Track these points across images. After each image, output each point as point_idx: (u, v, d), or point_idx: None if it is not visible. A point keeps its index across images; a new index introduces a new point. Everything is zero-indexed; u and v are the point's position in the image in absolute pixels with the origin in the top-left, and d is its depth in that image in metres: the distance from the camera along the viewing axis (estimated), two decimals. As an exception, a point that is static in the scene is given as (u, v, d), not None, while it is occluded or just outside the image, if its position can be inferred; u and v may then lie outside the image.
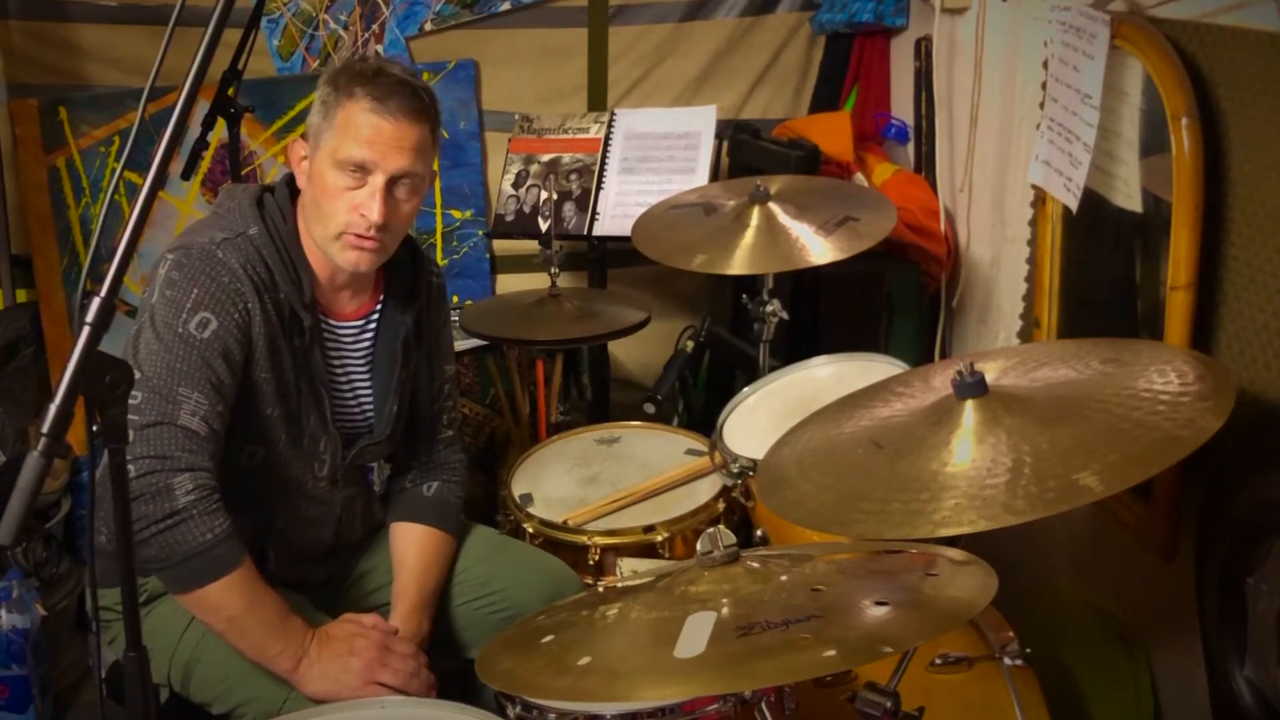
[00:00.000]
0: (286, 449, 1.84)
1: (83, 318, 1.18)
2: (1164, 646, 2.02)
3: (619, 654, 1.26)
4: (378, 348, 1.94)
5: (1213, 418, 1.25)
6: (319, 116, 1.79)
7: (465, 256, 3.24)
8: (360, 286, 1.91)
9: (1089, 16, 1.94)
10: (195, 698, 1.85)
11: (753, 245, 2.20)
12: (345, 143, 1.76)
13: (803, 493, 1.42)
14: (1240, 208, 1.70)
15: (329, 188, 1.77)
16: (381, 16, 3.10)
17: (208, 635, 1.81)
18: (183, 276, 1.73)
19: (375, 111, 1.76)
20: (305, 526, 1.91)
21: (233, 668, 1.80)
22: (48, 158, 3.02)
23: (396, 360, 1.94)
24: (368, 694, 1.73)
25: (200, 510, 1.65)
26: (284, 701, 1.77)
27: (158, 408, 1.66)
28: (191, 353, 1.70)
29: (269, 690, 1.78)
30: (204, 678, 1.83)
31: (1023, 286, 2.38)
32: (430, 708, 1.64)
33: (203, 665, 1.83)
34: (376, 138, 1.76)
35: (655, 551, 2.06)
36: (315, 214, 1.81)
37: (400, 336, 1.94)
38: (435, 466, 2.07)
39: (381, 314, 1.94)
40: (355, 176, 1.76)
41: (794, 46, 3.27)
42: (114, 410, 1.21)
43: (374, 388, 1.95)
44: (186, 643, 1.83)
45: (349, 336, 1.92)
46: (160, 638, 1.81)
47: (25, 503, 1.14)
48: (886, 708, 1.32)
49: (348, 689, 1.73)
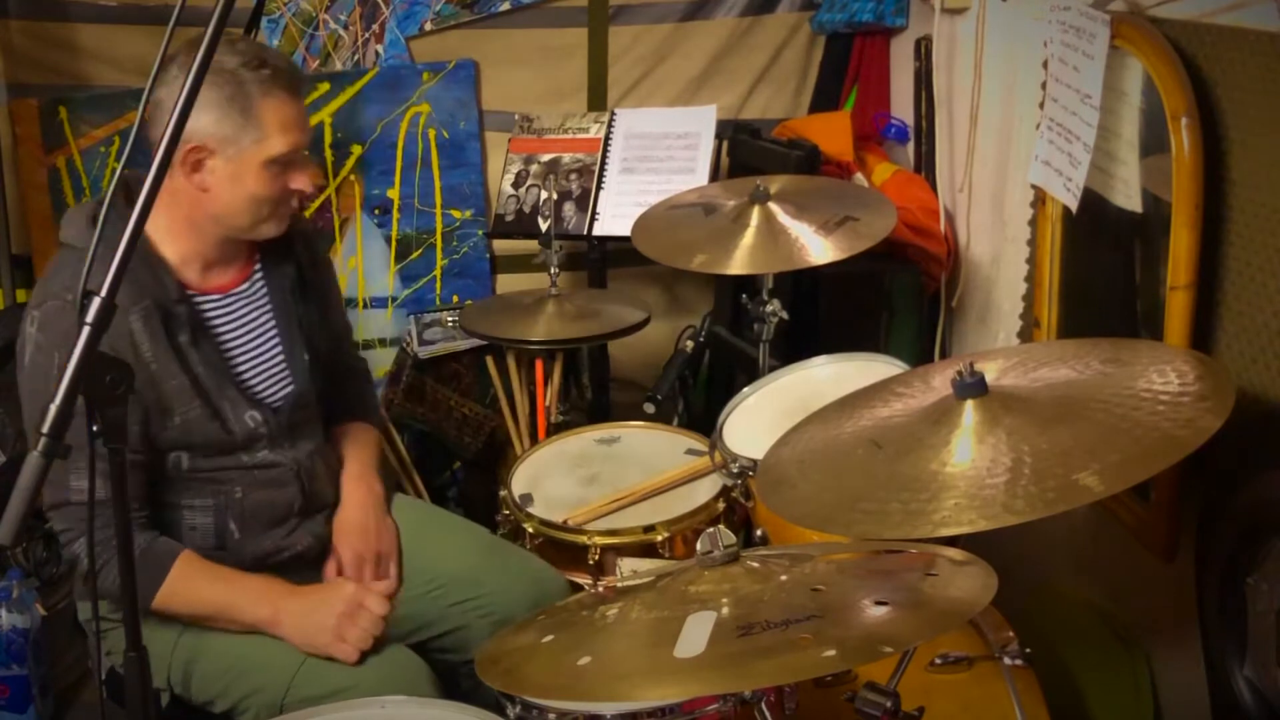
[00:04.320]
0: (217, 435, 1.85)
1: (83, 318, 1.18)
2: (1164, 646, 2.02)
3: (619, 654, 1.26)
4: (274, 303, 1.97)
5: (1212, 418, 1.26)
6: (229, 121, 1.75)
7: (465, 256, 3.24)
8: (232, 255, 1.93)
9: (1089, 16, 1.94)
10: (197, 698, 1.85)
11: (753, 245, 2.20)
12: (273, 140, 1.78)
13: (803, 493, 1.42)
14: (1240, 208, 1.70)
15: (261, 185, 1.80)
16: (381, 16, 3.10)
17: (205, 634, 1.82)
18: (46, 340, 1.73)
19: (292, 100, 1.80)
20: (265, 490, 1.92)
21: (233, 662, 1.81)
22: (48, 158, 3.02)
23: (291, 309, 1.98)
24: (337, 650, 1.80)
25: (108, 557, 1.72)
26: (286, 691, 1.78)
27: (52, 492, 1.74)
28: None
29: (272, 681, 1.79)
30: (205, 675, 1.83)
31: (1022, 286, 2.38)
32: (430, 707, 1.64)
33: (202, 663, 1.83)
34: (297, 123, 1.82)
35: (655, 551, 2.06)
36: (240, 209, 1.82)
37: (287, 287, 1.98)
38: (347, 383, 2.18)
39: (263, 270, 1.97)
40: (282, 166, 1.81)
41: (794, 46, 3.27)
42: (114, 410, 1.21)
43: (282, 343, 1.97)
44: (184, 644, 1.84)
45: (241, 304, 1.94)
46: (157, 643, 1.82)
47: (25, 502, 1.14)
48: (886, 708, 1.32)
49: (318, 638, 1.80)
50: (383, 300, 3.23)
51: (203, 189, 1.80)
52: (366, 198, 3.17)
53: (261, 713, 1.80)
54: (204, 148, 1.76)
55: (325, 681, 1.79)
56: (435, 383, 3.08)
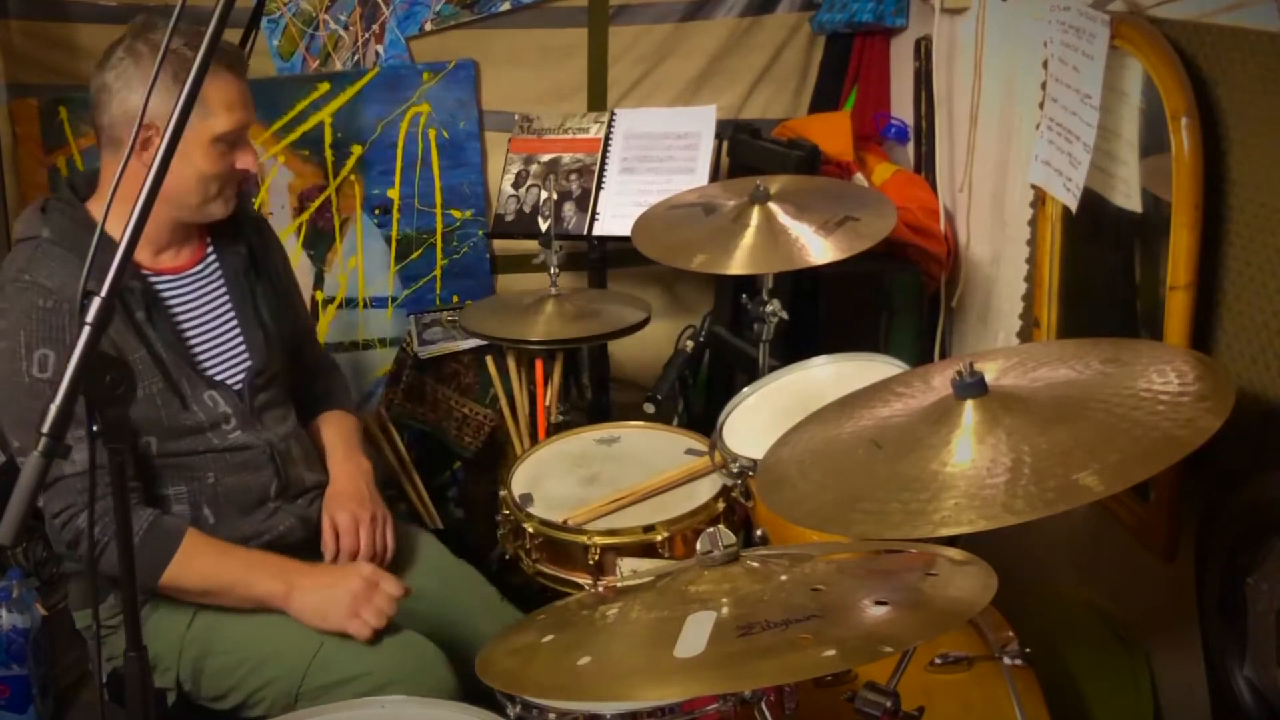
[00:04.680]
0: (179, 415, 1.87)
1: (83, 318, 1.18)
2: (1164, 646, 2.02)
3: (619, 654, 1.26)
4: (228, 283, 2.00)
5: (1212, 417, 1.25)
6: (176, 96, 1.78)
7: (465, 256, 3.24)
8: (183, 238, 1.96)
9: (1089, 16, 1.94)
10: (207, 694, 1.86)
11: (753, 245, 2.20)
12: (218, 118, 1.82)
13: (803, 493, 1.42)
14: (1240, 208, 1.70)
15: (209, 165, 1.84)
16: (381, 16, 3.10)
17: (214, 628, 1.83)
18: (9, 322, 1.76)
19: (235, 79, 1.84)
20: (239, 474, 1.93)
21: (246, 655, 1.82)
22: (48, 158, 3.01)
23: (245, 289, 2.02)
24: (351, 626, 1.81)
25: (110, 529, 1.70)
26: (302, 679, 1.79)
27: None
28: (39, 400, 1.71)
29: (288, 670, 1.81)
30: (216, 670, 1.84)
31: (1022, 286, 2.38)
32: (431, 707, 1.64)
33: (213, 658, 1.84)
34: (242, 102, 1.86)
35: (655, 551, 2.06)
36: (189, 188, 1.86)
37: (240, 267, 2.02)
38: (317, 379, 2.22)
39: (215, 251, 2.01)
40: (228, 144, 1.85)
41: (794, 46, 3.27)
42: (114, 410, 1.21)
43: (239, 322, 2.00)
44: (192, 640, 1.84)
45: (195, 285, 1.97)
46: (163, 640, 1.83)
47: (25, 502, 1.14)
48: (886, 707, 1.32)
49: (334, 617, 1.82)
50: (383, 300, 3.23)
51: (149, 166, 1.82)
52: (366, 198, 3.17)
53: (277, 703, 1.82)
54: (153, 125, 1.80)
55: (341, 668, 1.80)
56: (435, 383, 3.08)
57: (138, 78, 1.81)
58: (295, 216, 3.16)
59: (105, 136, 1.87)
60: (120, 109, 1.82)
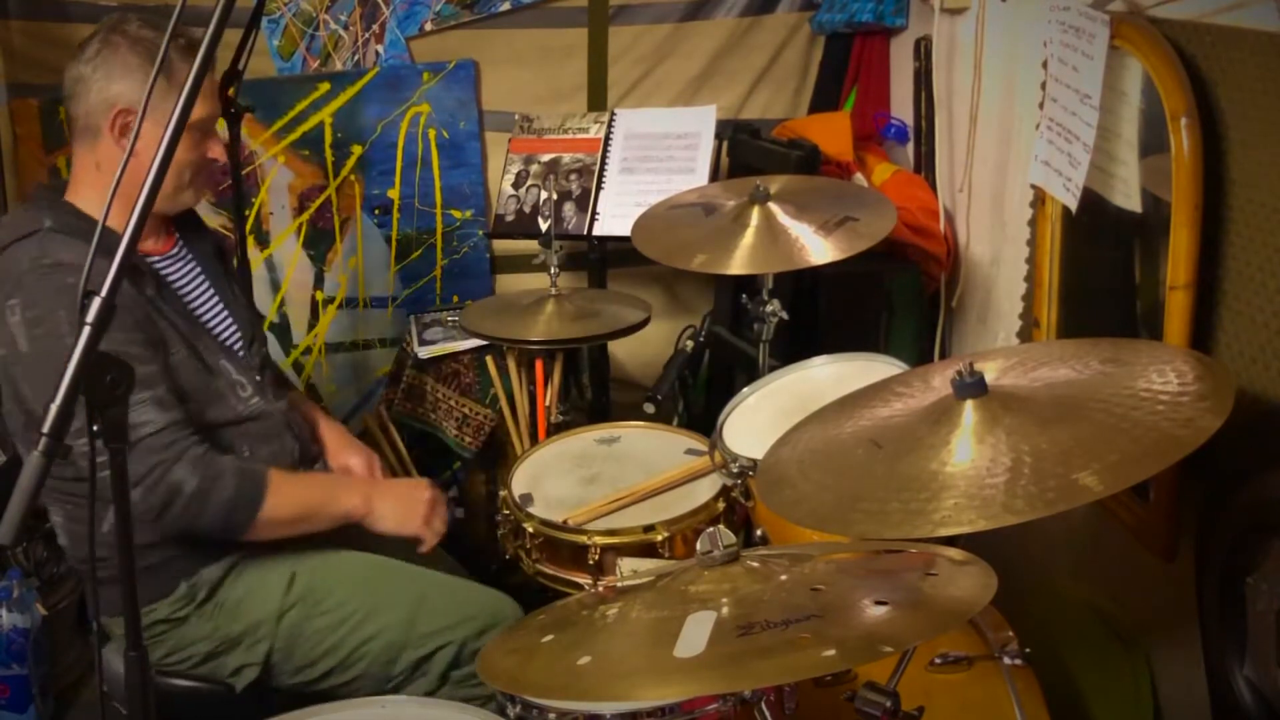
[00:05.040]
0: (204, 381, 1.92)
1: (83, 318, 1.18)
2: (1164, 646, 2.02)
3: (619, 654, 1.26)
4: (202, 267, 2.06)
5: (1212, 417, 1.26)
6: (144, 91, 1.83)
7: (465, 256, 3.24)
8: (154, 229, 2.01)
9: (1088, 16, 1.94)
10: (299, 660, 1.91)
11: (753, 245, 2.20)
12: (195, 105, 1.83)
13: (803, 493, 1.42)
14: (1240, 208, 1.70)
15: (184, 152, 1.88)
16: (381, 16, 3.11)
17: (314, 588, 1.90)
18: (41, 309, 1.76)
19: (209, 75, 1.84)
20: (265, 444, 1.99)
21: (353, 608, 1.90)
22: (48, 158, 3.02)
23: (219, 271, 2.10)
24: (424, 532, 1.98)
25: (205, 477, 1.79)
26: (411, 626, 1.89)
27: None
28: None
29: (395, 620, 1.89)
30: (317, 630, 1.90)
31: (1022, 286, 2.39)
32: (431, 708, 1.64)
33: (315, 619, 1.91)
34: (212, 92, 1.93)
35: (655, 551, 2.06)
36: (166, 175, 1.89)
37: (210, 253, 2.10)
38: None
39: (183, 241, 2.07)
40: (201, 133, 1.91)
41: (794, 46, 3.27)
42: (114, 410, 1.21)
43: (222, 299, 2.07)
44: (292, 603, 1.91)
45: (177, 266, 2.03)
46: (260, 609, 1.90)
47: (25, 502, 1.14)
48: (886, 707, 1.32)
49: (412, 519, 1.98)
50: (383, 300, 3.23)
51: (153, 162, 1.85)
52: (367, 198, 3.17)
53: (379, 658, 1.89)
54: (131, 110, 1.84)
55: (446, 613, 1.91)
56: (435, 382, 3.08)
57: (117, 67, 1.85)
58: (295, 216, 3.16)
59: (80, 125, 1.91)
60: (99, 97, 1.86)
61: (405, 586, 1.96)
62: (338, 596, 1.91)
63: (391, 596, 1.93)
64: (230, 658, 1.90)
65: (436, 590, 1.98)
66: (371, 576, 1.96)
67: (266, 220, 3.12)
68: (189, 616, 1.89)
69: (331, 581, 1.93)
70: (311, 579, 1.92)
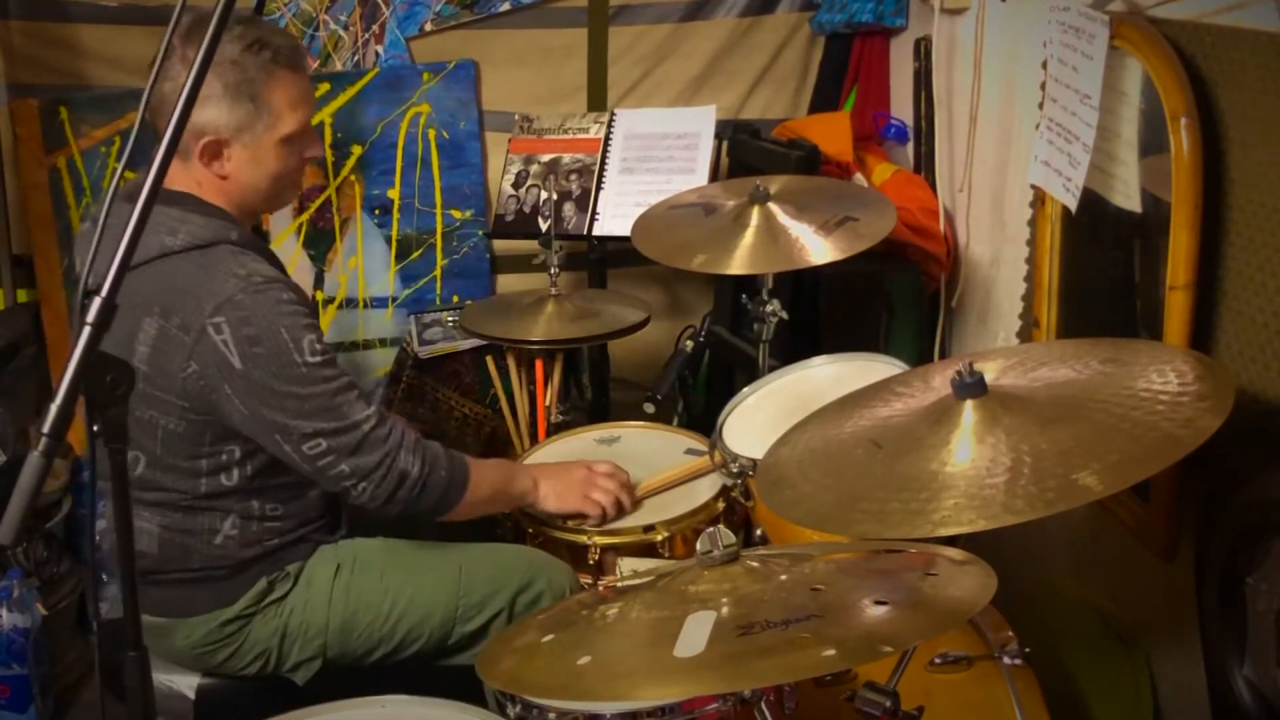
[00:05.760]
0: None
1: (83, 318, 1.18)
2: (1163, 646, 2.02)
3: (619, 654, 1.26)
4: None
5: (1212, 417, 1.26)
6: (240, 110, 1.80)
7: (465, 256, 3.24)
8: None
9: (1088, 17, 1.94)
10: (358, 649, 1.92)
11: (753, 245, 2.20)
12: (286, 120, 1.84)
13: (802, 493, 1.42)
14: (1239, 208, 1.70)
15: (281, 162, 1.87)
16: (381, 17, 3.11)
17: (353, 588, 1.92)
18: (259, 328, 1.74)
19: (296, 76, 1.85)
20: None
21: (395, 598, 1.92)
22: (48, 158, 3.02)
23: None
24: (586, 507, 2.07)
25: (424, 461, 1.85)
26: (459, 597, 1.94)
27: (344, 440, 1.79)
28: (324, 370, 1.78)
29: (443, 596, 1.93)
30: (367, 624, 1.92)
31: (1022, 286, 2.39)
32: (431, 707, 1.64)
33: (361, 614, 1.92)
34: (305, 98, 1.89)
35: (655, 551, 2.06)
36: (263, 188, 1.89)
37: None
38: None
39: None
40: (298, 141, 1.88)
41: (794, 47, 3.27)
42: (114, 410, 1.21)
43: None
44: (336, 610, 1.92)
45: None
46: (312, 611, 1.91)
47: (26, 502, 1.14)
48: (886, 707, 1.32)
49: (573, 497, 2.07)
50: (383, 300, 3.23)
51: (222, 176, 1.85)
52: (367, 198, 3.17)
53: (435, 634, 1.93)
54: (219, 139, 1.81)
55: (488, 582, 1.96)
56: (435, 383, 3.08)
57: (225, 101, 1.79)
58: (295, 216, 3.16)
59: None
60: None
61: (442, 562, 1.98)
62: (383, 585, 1.93)
63: (432, 575, 1.96)
64: (289, 656, 1.91)
65: (473, 560, 2.00)
66: (409, 559, 1.98)
67: (266, 220, 3.12)
68: (255, 615, 1.89)
69: (373, 571, 1.94)
70: (354, 572, 1.94)
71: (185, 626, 1.87)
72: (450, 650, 1.97)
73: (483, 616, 1.95)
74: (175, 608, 1.87)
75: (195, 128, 1.79)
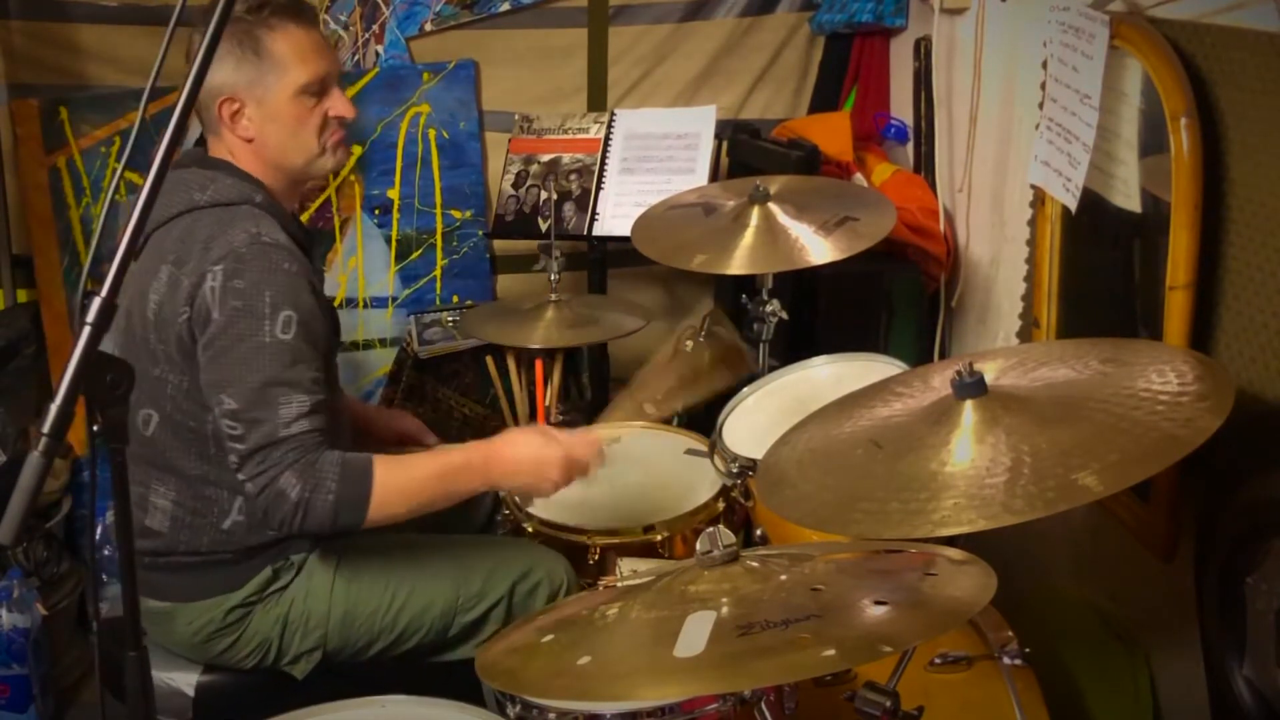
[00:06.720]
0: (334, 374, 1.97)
1: (83, 318, 1.18)
2: (1163, 646, 2.02)
3: (619, 654, 1.26)
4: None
5: (1212, 417, 1.26)
6: (246, 65, 1.82)
7: (465, 256, 3.24)
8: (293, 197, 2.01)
9: (1088, 17, 1.94)
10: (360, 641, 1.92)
11: (752, 245, 2.20)
12: (295, 71, 1.84)
13: (802, 493, 1.42)
14: (1239, 208, 1.70)
15: (299, 118, 1.87)
16: (381, 16, 3.11)
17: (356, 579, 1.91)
18: (247, 283, 1.75)
19: (302, 28, 1.85)
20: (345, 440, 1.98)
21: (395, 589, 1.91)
22: (48, 158, 3.02)
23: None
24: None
25: (311, 484, 1.72)
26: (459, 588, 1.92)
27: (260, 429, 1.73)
28: (283, 355, 1.75)
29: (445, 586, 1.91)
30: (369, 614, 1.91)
31: (1022, 286, 2.39)
32: (431, 707, 1.64)
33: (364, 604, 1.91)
34: (316, 50, 1.87)
35: (655, 551, 2.06)
36: (290, 147, 1.89)
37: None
38: None
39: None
40: (314, 95, 1.87)
41: (793, 47, 3.27)
42: (114, 410, 1.21)
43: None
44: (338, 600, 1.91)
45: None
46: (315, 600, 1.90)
47: (26, 502, 1.14)
48: (886, 707, 1.32)
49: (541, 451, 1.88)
50: (383, 300, 3.23)
51: (247, 138, 1.87)
52: (366, 198, 3.17)
53: (436, 624, 1.92)
54: (234, 99, 1.84)
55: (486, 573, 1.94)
56: (435, 383, 3.08)
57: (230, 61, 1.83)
58: (295, 216, 3.16)
59: (204, 123, 1.92)
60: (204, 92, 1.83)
61: (442, 553, 1.98)
62: (385, 576, 1.93)
63: (433, 566, 1.96)
64: (290, 648, 1.91)
65: (472, 550, 2.01)
66: (410, 551, 1.98)
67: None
68: (257, 604, 1.89)
69: (375, 563, 1.94)
70: (357, 563, 1.94)
71: (189, 612, 1.87)
72: (450, 643, 1.96)
73: (483, 605, 1.95)
74: (181, 592, 1.88)
75: (211, 91, 1.83)
